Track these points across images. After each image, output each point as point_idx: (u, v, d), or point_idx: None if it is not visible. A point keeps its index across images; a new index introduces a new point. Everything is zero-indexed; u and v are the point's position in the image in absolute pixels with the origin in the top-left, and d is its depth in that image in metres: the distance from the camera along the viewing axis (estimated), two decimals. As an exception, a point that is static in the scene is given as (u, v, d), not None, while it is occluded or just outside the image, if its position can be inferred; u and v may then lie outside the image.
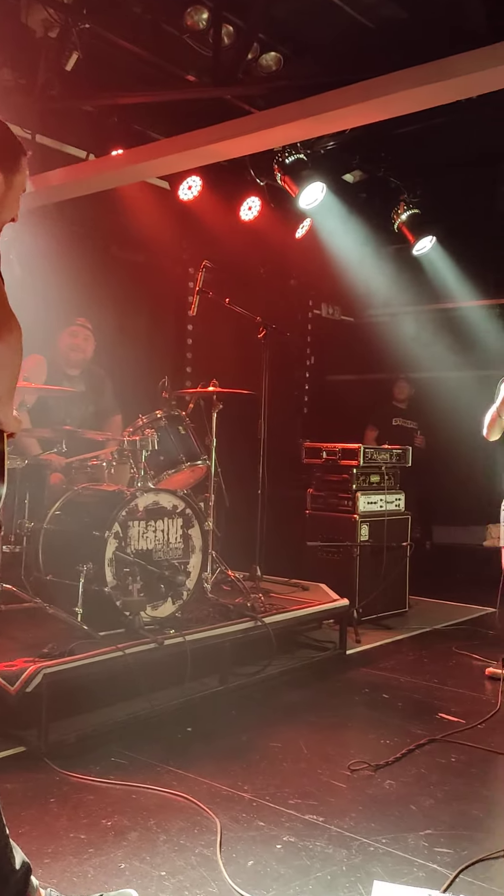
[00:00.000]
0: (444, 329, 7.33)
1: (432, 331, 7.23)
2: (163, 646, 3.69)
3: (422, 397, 7.18)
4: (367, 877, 2.33)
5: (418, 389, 7.22)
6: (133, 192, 5.41)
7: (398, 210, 6.43)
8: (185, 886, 2.29)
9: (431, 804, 2.84)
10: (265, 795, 2.86)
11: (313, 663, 4.53)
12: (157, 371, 5.12)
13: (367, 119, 3.90)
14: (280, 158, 5.40)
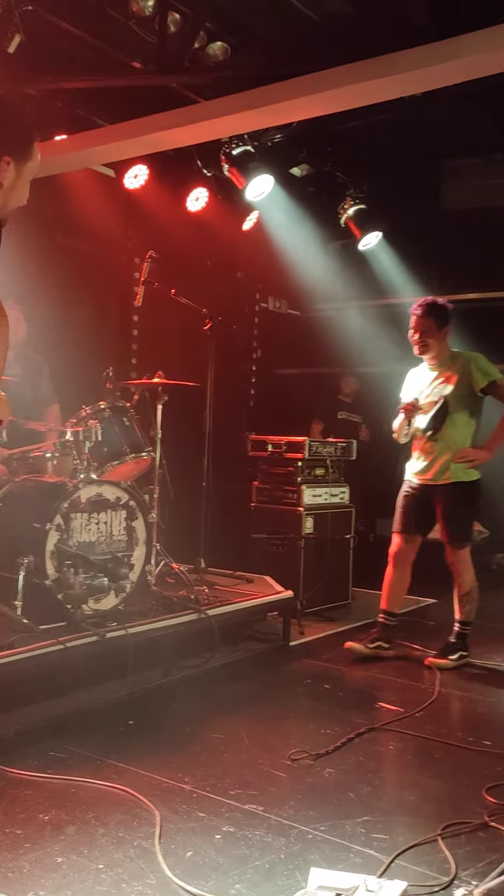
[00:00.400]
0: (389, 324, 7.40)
1: (377, 326, 7.30)
2: (105, 639, 3.65)
3: (367, 392, 7.25)
4: (305, 864, 2.35)
5: (363, 384, 7.29)
6: (78, 179, 5.33)
7: (344, 205, 6.48)
8: (122, 879, 2.28)
9: (369, 791, 2.88)
10: (206, 787, 2.86)
11: (257, 655, 4.55)
12: (101, 362, 5.05)
13: (313, 112, 3.92)
14: (227, 150, 5.39)
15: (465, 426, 4.39)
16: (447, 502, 4.40)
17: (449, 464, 4.36)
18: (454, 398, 4.36)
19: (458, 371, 4.39)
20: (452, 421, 4.36)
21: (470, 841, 2.53)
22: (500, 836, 2.55)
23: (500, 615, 6.00)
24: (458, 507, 4.42)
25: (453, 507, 4.40)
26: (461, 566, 4.45)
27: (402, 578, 4.60)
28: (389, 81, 3.55)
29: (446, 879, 2.29)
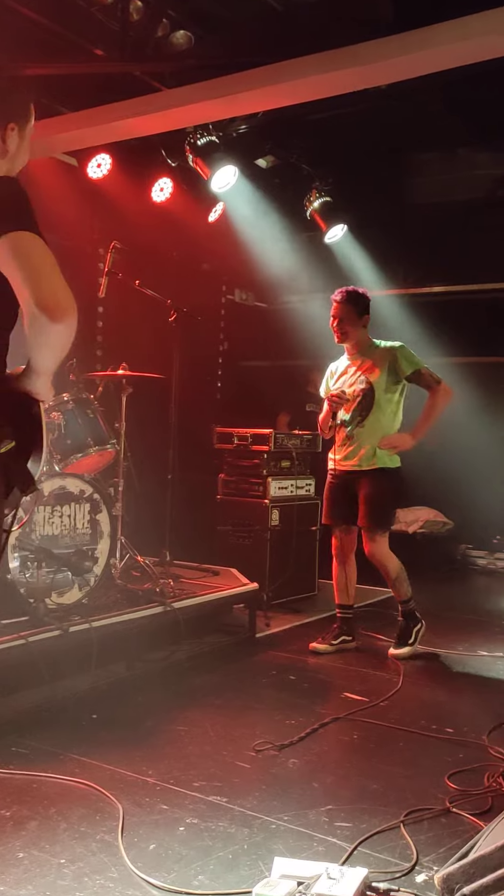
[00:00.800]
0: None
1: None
2: (68, 633, 3.62)
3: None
4: (269, 854, 2.36)
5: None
6: (40, 168, 5.25)
7: (310, 197, 6.47)
8: (84, 873, 2.26)
9: (333, 780, 2.90)
10: (169, 779, 2.85)
11: (222, 647, 4.54)
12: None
13: (277, 103, 3.91)
14: (192, 140, 5.35)
15: (389, 414, 4.45)
16: (371, 486, 4.39)
17: (374, 450, 4.40)
18: (379, 386, 4.40)
19: (381, 359, 4.44)
20: (378, 408, 4.40)
21: (432, 827, 2.55)
22: (462, 821, 2.58)
23: (463, 605, 6.09)
24: (383, 491, 4.41)
25: (378, 491, 4.40)
26: (382, 558, 4.42)
27: (347, 571, 4.58)
28: (353, 73, 3.55)
29: (408, 865, 2.31)
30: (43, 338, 1.75)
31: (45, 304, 1.69)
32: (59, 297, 1.71)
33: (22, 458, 1.83)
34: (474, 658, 4.52)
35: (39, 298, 1.69)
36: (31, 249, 1.73)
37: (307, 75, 3.61)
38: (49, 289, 1.71)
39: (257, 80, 3.73)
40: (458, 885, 1.85)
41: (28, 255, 1.73)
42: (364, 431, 4.43)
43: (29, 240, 1.74)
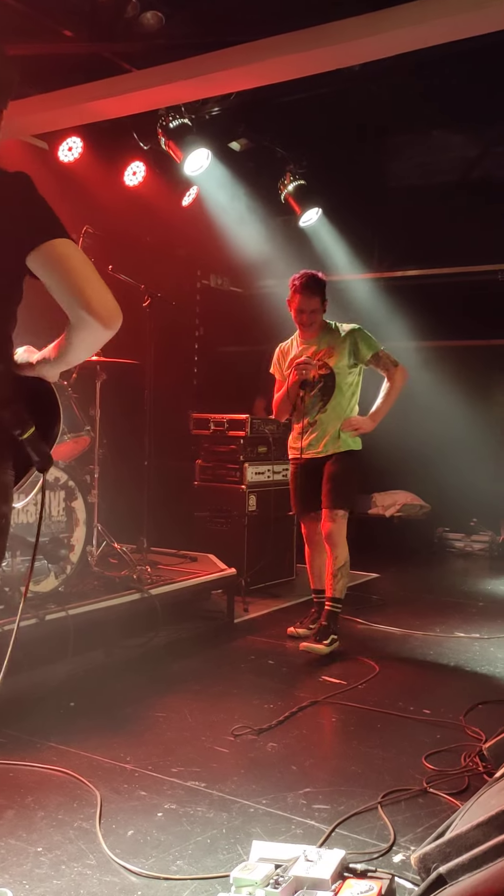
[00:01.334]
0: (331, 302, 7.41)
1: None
2: (44, 621, 3.60)
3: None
4: (247, 837, 2.36)
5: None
6: (9, 151, 5.15)
7: (284, 181, 6.42)
8: (62, 861, 2.25)
9: (311, 763, 2.91)
10: (148, 765, 2.85)
11: (201, 633, 4.54)
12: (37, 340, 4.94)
13: (247, 84, 3.86)
14: (164, 122, 5.28)
15: (350, 396, 4.41)
16: (336, 466, 4.35)
17: (338, 433, 4.35)
18: (340, 370, 4.34)
19: (341, 343, 4.37)
20: (339, 392, 4.35)
21: (409, 807, 2.57)
22: (439, 801, 2.60)
23: (441, 588, 6.13)
24: (347, 470, 4.37)
25: (342, 469, 4.35)
26: (337, 538, 4.28)
27: (321, 557, 4.48)
28: (324, 53, 3.51)
29: (385, 846, 2.32)
30: (89, 341, 1.82)
31: (99, 312, 1.75)
32: (110, 305, 1.78)
33: (42, 441, 1.86)
34: (451, 639, 4.56)
35: (93, 307, 1.73)
36: (73, 258, 1.77)
37: (279, 55, 3.57)
38: (101, 297, 1.77)
39: (228, 61, 3.68)
40: (434, 865, 1.86)
41: (71, 264, 1.76)
42: (327, 416, 4.37)
43: (68, 247, 1.76)
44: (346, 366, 4.36)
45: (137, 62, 4.27)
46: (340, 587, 4.30)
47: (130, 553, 4.68)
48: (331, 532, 4.29)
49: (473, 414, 7.09)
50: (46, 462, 1.88)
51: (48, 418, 2.00)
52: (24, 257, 1.77)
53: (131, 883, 2.15)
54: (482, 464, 7.04)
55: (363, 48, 3.54)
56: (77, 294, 1.74)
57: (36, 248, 1.76)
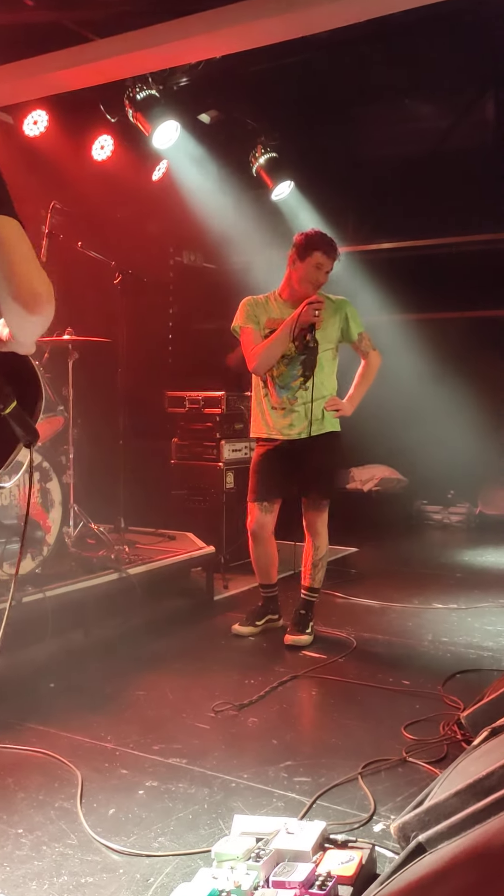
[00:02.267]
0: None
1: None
2: (21, 603, 3.57)
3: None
4: (228, 812, 2.37)
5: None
6: (-28, 127, 5.05)
7: (256, 153, 6.34)
8: (43, 842, 2.24)
9: (292, 737, 2.92)
10: (129, 744, 2.84)
11: (180, 611, 4.54)
12: (7, 319, 4.85)
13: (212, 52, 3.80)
14: (131, 94, 5.17)
15: (331, 373, 4.03)
16: (323, 454, 3.97)
17: (322, 412, 3.95)
18: (324, 343, 3.91)
19: (330, 314, 3.95)
20: (320, 367, 3.90)
21: (389, 777, 2.59)
22: (418, 770, 2.62)
23: (419, 560, 6.17)
24: (333, 457, 4.08)
25: (330, 458, 4.03)
26: (322, 528, 4.03)
27: (270, 549, 4.12)
28: (289, 19, 3.44)
29: (366, 816, 2.34)
30: (20, 327, 1.74)
31: (22, 297, 1.65)
32: (35, 288, 1.66)
33: (25, 414, 1.80)
34: (429, 611, 4.59)
35: (15, 291, 1.64)
36: (8, 237, 1.67)
37: (245, 22, 3.50)
38: (25, 281, 1.65)
39: (193, 28, 3.60)
40: (413, 833, 1.87)
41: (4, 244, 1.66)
42: (309, 394, 3.90)
43: (7, 226, 1.67)
44: (333, 340, 3.99)
45: (100, 30, 4.17)
46: (320, 577, 4.08)
47: (108, 533, 4.66)
48: (317, 522, 4.02)
49: (449, 387, 7.09)
50: (33, 436, 1.84)
51: (30, 391, 1.94)
52: None
53: (113, 861, 2.15)
54: (458, 436, 7.06)
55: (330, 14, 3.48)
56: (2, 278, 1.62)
57: None
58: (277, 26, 3.53)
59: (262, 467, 4.06)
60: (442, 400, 7.14)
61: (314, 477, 4.01)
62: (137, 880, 2.06)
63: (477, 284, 7.01)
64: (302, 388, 3.94)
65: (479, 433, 7.05)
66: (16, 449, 1.86)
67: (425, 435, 7.18)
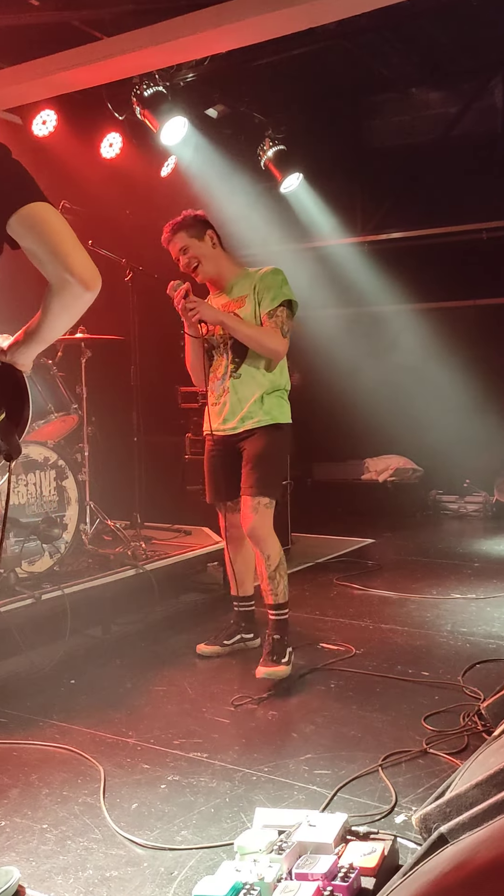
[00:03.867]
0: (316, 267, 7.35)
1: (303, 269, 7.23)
2: (40, 601, 3.60)
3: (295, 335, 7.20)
4: (250, 805, 2.38)
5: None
6: (-18, 128, 5.07)
7: (264, 146, 6.32)
8: (67, 836, 2.27)
9: (312, 730, 2.93)
10: (150, 739, 2.86)
11: (198, 606, 4.55)
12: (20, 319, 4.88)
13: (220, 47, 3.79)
14: (138, 91, 5.18)
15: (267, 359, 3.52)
16: (257, 443, 3.49)
17: (260, 402, 3.48)
18: (250, 320, 3.47)
19: (250, 289, 3.49)
20: (252, 352, 3.48)
21: (410, 769, 2.59)
22: (439, 761, 2.62)
23: (436, 550, 6.16)
24: (270, 449, 3.48)
25: (265, 448, 3.48)
26: (262, 531, 3.44)
27: (245, 555, 3.76)
28: (298, 11, 3.43)
29: (387, 808, 2.35)
30: (71, 306, 1.82)
31: (81, 273, 1.74)
32: (90, 266, 1.76)
33: (11, 428, 1.83)
34: (448, 601, 4.58)
35: (75, 268, 1.72)
36: (53, 220, 1.76)
37: (251, 16, 3.49)
38: (82, 258, 1.76)
39: (200, 24, 3.60)
40: (435, 825, 1.88)
41: (51, 226, 1.75)
42: (241, 383, 3.48)
43: (47, 210, 1.75)
44: (255, 318, 3.47)
45: (107, 29, 4.18)
46: (281, 590, 3.50)
47: (124, 529, 4.69)
48: (253, 526, 3.43)
49: (462, 375, 7.07)
50: (15, 451, 1.86)
51: (19, 406, 1.96)
52: (4, 223, 1.75)
53: (137, 855, 2.17)
54: (473, 425, 7.04)
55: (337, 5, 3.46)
56: (58, 255, 1.72)
57: (16, 212, 1.74)
58: (283, 19, 3.52)
59: (208, 468, 3.74)
60: (455, 389, 7.11)
61: (246, 469, 3.48)
62: (161, 873, 2.08)
63: (489, 272, 6.98)
64: (233, 375, 3.51)
65: (493, 421, 7.02)
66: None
67: (440, 424, 7.16)
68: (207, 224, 3.55)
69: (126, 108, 5.37)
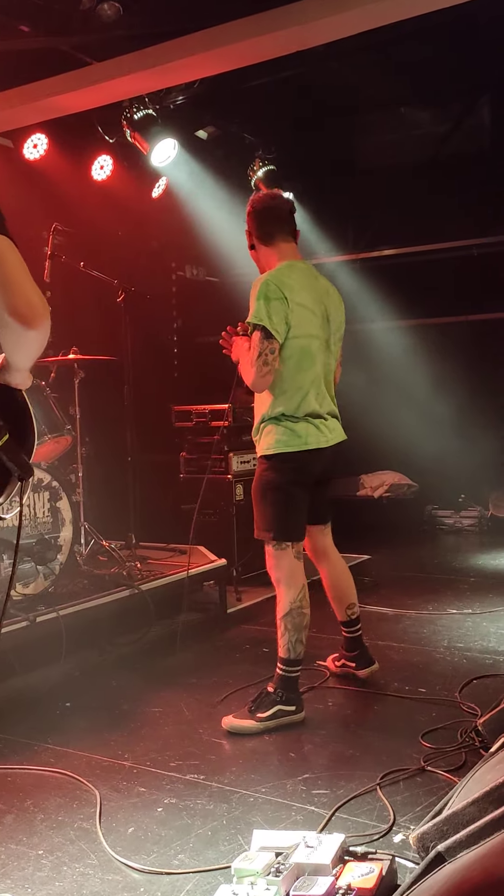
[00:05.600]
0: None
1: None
2: (35, 623, 3.58)
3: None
4: (247, 827, 2.36)
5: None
6: (-27, 152, 5.11)
7: (254, 166, 6.38)
8: (63, 862, 2.25)
9: (309, 749, 2.91)
10: (146, 761, 2.85)
11: (194, 625, 4.54)
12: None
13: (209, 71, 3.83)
14: (128, 114, 5.23)
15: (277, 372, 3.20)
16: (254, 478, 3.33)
17: (258, 433, 3.30)
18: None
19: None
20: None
21: (408, 787, 2.58)
22: (437, 779, 2.61)
23: (432, 566, 6.15)
24: (256, 486, 3.28)
25: (254, 485, 3.31)
26: (273, 575, 3.26)
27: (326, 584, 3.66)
28: (284, 35, 3.47)
29: (385, 827, 2.33)
30: (17, 344, 1.77)
31: (19, 311, 1.69)
32: (32, 303, 1.71)
33: (17, 448, 1.82)
34: (444, 617, 4.57)
35: (12, 306, 1.68)
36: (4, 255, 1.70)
37: (239, 40, 3.54)
38: (22, 296, 1.70)
39: (188, 48, 3.64)
40: (432, 843, 1.86)
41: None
42: (255, 407, 3.32)
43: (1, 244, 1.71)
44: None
45: (97, 54, 4.22)
46: (286, 643, 3.17)
47: (119, 550, 4.67)
48: (268, 570, 3.31)
49: (456, 390, 7.09)
50: (26, 471, 1.85)
51: (23, 425, 1.96)
52: None
53: (134, 880, 2.15)
54: (467, 439, 7.05)
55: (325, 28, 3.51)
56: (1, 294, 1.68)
57: None
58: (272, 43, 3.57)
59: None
60: (449, 404, 7.13)
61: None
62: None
63: (479, 287, 7.02)
64: (249, 393, 3.42)
65: (487, 436, 7.04)
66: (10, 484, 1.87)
67: (434, 439, 7.17)
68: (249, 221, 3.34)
69: (116, 130, 5.42)
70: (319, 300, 3.28)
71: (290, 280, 3.17)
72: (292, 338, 3.14)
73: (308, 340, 3.20)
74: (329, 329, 3.32)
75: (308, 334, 3.20)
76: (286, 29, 3.54)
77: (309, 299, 3.21)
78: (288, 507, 3.21)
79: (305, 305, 3.18)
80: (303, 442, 3.20)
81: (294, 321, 3.13)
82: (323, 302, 3.30)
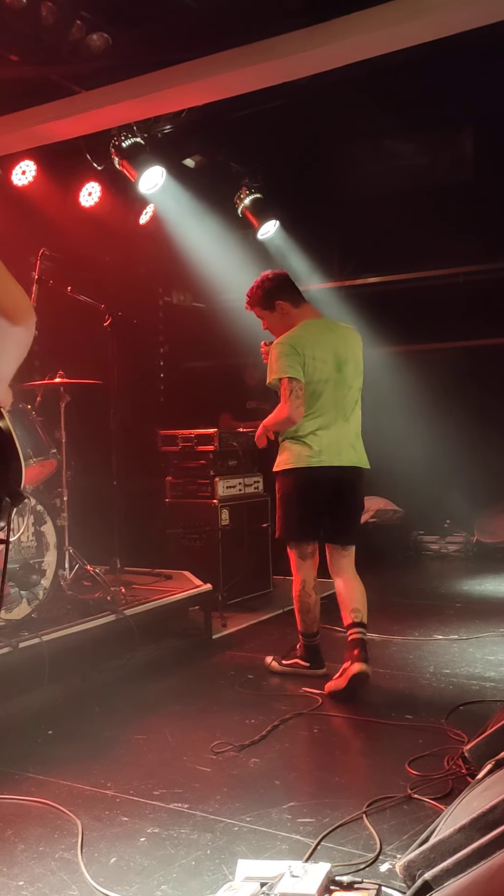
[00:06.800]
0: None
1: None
2: (18, 649, 3.54)
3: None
4: (232, 857, 2.33)
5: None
6: (-39, 178, 5.14)
7: (240, 195, 6.46)
8: (44, 893, 2.20)
9: (294, 777, 2.88)
10: (129, 790, 2.80)
11: (179, 651, 4.50)
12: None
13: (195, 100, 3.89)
14: (116, 142, 5.29)
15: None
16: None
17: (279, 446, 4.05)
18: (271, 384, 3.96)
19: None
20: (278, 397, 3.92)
21: (394, 815, 2.55)
22: (423, 806, 2.59)
23: (417, 591, 6.15)
24: (277, 495, 4.03)
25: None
26: (291, 565, 4.00)
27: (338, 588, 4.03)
28: (269, 67, 3.54)
29: (371, 856, 2.30)
30: (2, 341, 1.79)
31: (3, 307, 1.73)
32: (17, 300, 1.76)
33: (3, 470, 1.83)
34: (430, 642, 4.56)
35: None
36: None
37: (225, 71, 3.60)
38: (7, 294, 1.74)
39: (176, 78, 3.70)
40: (419, 872, 1.85)
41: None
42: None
43: None
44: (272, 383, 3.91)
45: (86, 83, 4.27)
46: (299, 619, 4.00)
47: (104, 574, 4.64)
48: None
49: (441, 416, 7.14)
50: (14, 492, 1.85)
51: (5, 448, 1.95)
52: None
53: (115, 912, 2.11)
54: (452, 465, 7.09)
55: (308, 61, 3.58)
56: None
57: None
58: (257, 74, 3.63)
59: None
60: (434, 430, 7.18)
61: None
62: (141, 931, 2.02)
63: (463, 315, 7.10)
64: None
65: (472, 462, 7.08)
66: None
67: (420, 465, 7.21)
68: (277, 292, 3.99)
69: (104, 158, 5.47)
70: (332, 349, 3.90)
71: (301, 339, 3.86)
72: (306, 383, 3.82)
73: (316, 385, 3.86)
74: (346, 369, 3.93)
75: (318, 380, 3.85)
76: (271, 61, 3.60)
77: (319, 350, 3.86)
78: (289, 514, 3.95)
79: (316, 357, 3.84)
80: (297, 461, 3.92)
81: (308, 370, 3.82)
82: (334, 347, 3.92)
